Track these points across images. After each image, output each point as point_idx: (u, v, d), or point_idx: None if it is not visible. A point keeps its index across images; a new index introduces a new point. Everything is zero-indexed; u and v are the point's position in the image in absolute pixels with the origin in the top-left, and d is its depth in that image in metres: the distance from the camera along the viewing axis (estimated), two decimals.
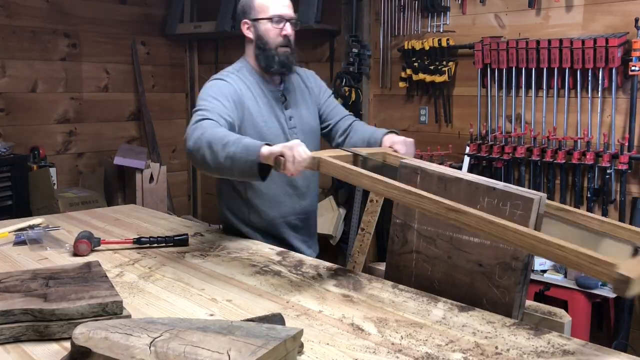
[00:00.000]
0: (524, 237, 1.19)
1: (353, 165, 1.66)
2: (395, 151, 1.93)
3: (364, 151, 1.86)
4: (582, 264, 1.09)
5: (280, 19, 2.07)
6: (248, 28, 2.11)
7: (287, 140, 2.04)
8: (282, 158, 1.59)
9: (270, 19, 2.06)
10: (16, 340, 1.27)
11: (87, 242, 1.90)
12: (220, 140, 1.70)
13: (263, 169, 1.68)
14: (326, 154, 1.67)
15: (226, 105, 1.93)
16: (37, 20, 4.40)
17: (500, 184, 1.50)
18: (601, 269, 1.06)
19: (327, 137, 2.30)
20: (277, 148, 1.62)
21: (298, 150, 1.59)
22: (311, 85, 2.27)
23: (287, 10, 2.10)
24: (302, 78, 2.27)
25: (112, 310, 1.31)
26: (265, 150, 1.64)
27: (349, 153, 1.79)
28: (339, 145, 2.21)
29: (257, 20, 2.08)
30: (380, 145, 2.01)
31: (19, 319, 1.28)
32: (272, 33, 2.07)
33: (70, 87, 4.63)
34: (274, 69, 2.09)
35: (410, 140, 1.99)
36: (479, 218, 1.27)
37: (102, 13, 4.75)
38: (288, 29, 2.09)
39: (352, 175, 1.55)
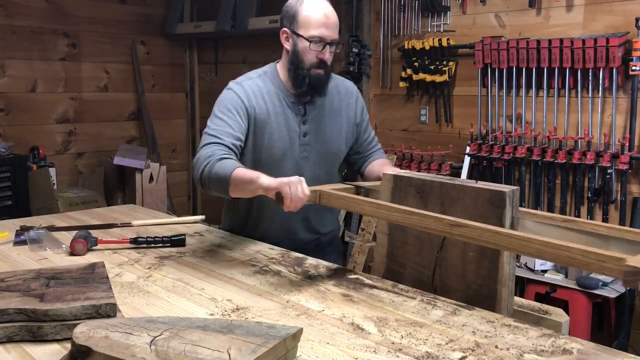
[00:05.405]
0: (530, 243, 1.19)
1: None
2: None
3: (366, 184, 1.87)
4: (591, 262, 1.08)
5: (321, 40, 1.89)
6: (286, 38, 1.95)
7: (295, 157, 1.99)
8: (280, 194, 1.59)
9: (309, 39, 1.89)
10: (9, 340, 1.26)
11: (83, 242, 1.90)
12: (224, 176, 1.72)
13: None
14: (327, 188, 1.72)
15: (231, 124, 1.90)
16: (37, 20, 4.40)
17: (471, 182, 1.57)
18: (610, 265, 1.05)
19: (347, 160, 2.19)
20: (274, 184, 1.60)
21: (296, 189, 1.58)
22: (350, 110, 2.10)
23: (331, 32, 1.91)
24: (341, 96, 2.08)
25: (106, 312, 1.28)
26: (265, 182, 1.63)
27: (351, 186, 1.83)
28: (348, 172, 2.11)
29: (296, 34, 1.91)
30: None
31: (13, 318, 1.26)
32: (309, 55, 1.90)
33: (69, 87, 4.63)
34: (303, 90, 1.95)
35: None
36: (481, 230, 1.28)
37: (102, 13, 4.76)
38: (326, 53, 1.92)
39: (353, 203, 1.63)
